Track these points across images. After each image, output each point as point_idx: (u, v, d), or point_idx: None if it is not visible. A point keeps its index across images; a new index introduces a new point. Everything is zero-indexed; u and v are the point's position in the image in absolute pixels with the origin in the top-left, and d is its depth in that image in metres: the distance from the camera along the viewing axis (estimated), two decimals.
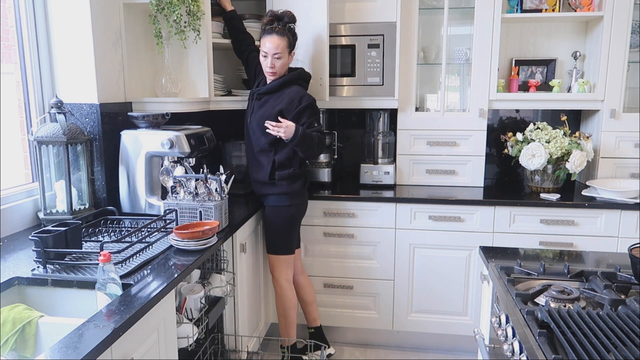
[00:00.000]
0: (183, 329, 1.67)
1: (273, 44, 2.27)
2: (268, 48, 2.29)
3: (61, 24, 2.08)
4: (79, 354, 1.03)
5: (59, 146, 1.96)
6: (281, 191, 2.38)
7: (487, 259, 1.63)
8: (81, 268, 1.56)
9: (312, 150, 2.34)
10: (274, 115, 2.31)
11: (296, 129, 2.25)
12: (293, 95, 2.33)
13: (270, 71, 2.33)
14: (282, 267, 2.46)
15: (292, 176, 2.38)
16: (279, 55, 2.29)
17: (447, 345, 2.79)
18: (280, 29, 2.28)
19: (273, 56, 2.29)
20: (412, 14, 2.76)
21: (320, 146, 2.36)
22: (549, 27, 2.96)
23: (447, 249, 2.65)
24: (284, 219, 2.41)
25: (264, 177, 2.38)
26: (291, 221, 2.44)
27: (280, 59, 2.30)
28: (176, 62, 2.46)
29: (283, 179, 2.37)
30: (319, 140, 2.34)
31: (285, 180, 2.37)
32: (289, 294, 2.48)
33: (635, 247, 1.39)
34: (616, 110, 2.71)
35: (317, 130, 2.35)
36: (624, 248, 2.41)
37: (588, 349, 0.99)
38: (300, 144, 2.28)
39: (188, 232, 1.73)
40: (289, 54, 2.34)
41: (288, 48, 2.32)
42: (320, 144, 2.36)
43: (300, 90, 2.37)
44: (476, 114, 2.81)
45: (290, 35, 2.32)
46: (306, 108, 2.32)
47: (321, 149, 2.40)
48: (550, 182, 2.72)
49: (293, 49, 2.37)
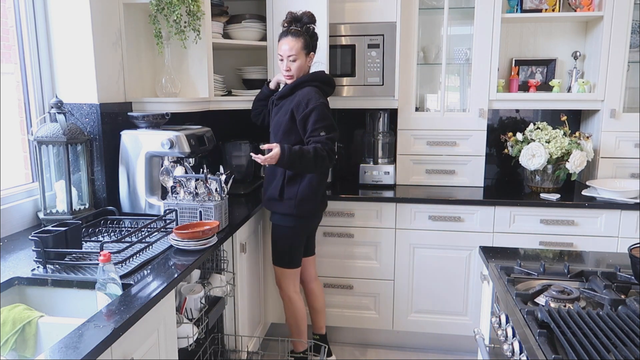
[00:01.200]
0: (183, 329, 1.67)
1: (287, 45, 2.20)
2: (283, 50, 2.22)
3: (61, 24, 2.08)
4: (79, 354, 1.03)
5: (59, 146, 1.96)
6: (286, 212, 2.27)
7: (487, 259, 1.63)
8: (81, 268, 1.56)
9: (309, 167, 2.14)
10: (286, 121, 2.22)
11: (281, 152, 2.05)
12: (301, 97, 2.20)
13: (286, 74, 2.26)
14: (288, 280, 2.39)
15: (302, 197, 2.24)
16: (293, 57, 2.21)
17: (447, 345, 2.79)
18: (295, 30, 2.21)
19: (288, 59, 2.21)
20: (412, 14, 2.76)
21: (320, 160, 2.12)
22: (549, 27, 2.95)
23: (447, 249, 2.65)
24: (289, 237, 2.33)
25: (274, 192, 2.27)
26: (297, 238, 2.34)
27: (296, 61, 2.21)
28: (176, 62, 2.46)
29: (291, 198, 2.24)
30: (317, 155, 2.11)
31: (293, 200, 2.24)
32: (298, 305, 2.43)
33: (635, 247, 1.39)
34: (616, 110, 2.71)
35: (321, 141, 2.13)
36: (624, 248, 2.40)
37: (588, 349, 0.99)
38: (291, 165, 2.11)
39: (188, 232, 1.73)
40: (306, 56, 2.24)
41: (304, 49, 2.22)
42: (319, 158, 2.12)
43: (310, 91, 2.22)
44: (476, 114, 2.81)
45: (307, 36, 2.23)
46: (311, 112, 2.15)
47: (323, 162, 2.14)
48: (550, 182, 2.72)
49: (311, 50, 2.27)
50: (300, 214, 2.27)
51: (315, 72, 2.33)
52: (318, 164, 2.13)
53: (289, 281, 2.39)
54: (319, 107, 2.16)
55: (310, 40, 2.25)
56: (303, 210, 2.27)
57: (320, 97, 2.21)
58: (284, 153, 2.06)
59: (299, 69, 2.24)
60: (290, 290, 2.40)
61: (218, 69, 2.73)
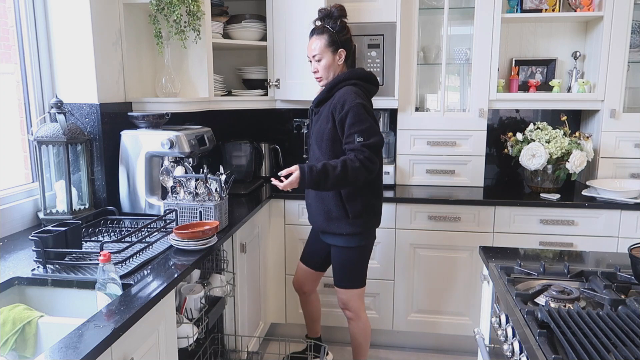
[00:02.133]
0: (183, 329, 1.67)
1: (310, 45, 2.05)
2: (308, 51, 2.06)
3: (61, 24, 2.08)
4: (79, 354, 1.03)
5: (59, 146, 1.96)
6: (355, 231, 2.05)
7: (487, 259, 1.63)
8: (81, 268, 1.56)
9: (340, 183, 1.89)
10: (329, 129, 2.00)
11: (301, 174, 1.84)
12: (337, 98, 1.98)
13: (315, 77, 2.09)
14: (359, 299, 2.22)
15: (368, 210, 2.05)
16: (318, 56, 2.03)
17: (447, 345, 2.79)
18: (318, 27, 2.04)
19: (314, 59, 2.05)
20: (412, 14, 2.76)
21: (353, 173, 1.86)
22: (549, 27, 2.96)
23: (447, 249, 2.65)
24: (361, 257, 2.15)
25: (337, 212, 2.04)
26: (367, 255, 2.18)
27: (321, 60, 2.03)
28: (176, 62, 2.46)
29: (359, 216, 2.03)
30: (346, 168, 1.84)
31: (362, 219, 2.04)
32: (368, 325, 2.30)
33: (635, 247, 1.39)
34: (616, 110, 2.71)
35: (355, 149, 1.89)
36: (624, 248, 2.41)
37: (588, 349, 0.99)
38: (317, 186, 1.87)
39: (188, 232, 1.73)
40: (333, 53, 2.03)
41: (330, 46, 2.01)
42: (351, 171, 1.86)
43: (347, 91, 1.98)
44: (476, 114, 2.81)
45: (332, 32, 2.01)
46: (347, 115, 1.92)
47: (358, 174, 1.88)
48: (550, 182, 2.72)
49: (340, 46, 2.03)
50: (368, 231, 2.12)
51: (354, 69, 2.11)
52: (350, 177, 1.87)
53: (360, 301, 2.23)
54: (354, 107, 1.91)
55: (338, 35, 2.03)
56: (370, 225, 2.12)
57: (357, 96, 1.96)
58: (304, 175, 1.84)
59: (326, 68, 2.04)
60: (361, 310, 2.24)
61: (218, 69, 2.73)
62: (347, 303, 2.23)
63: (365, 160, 1.88)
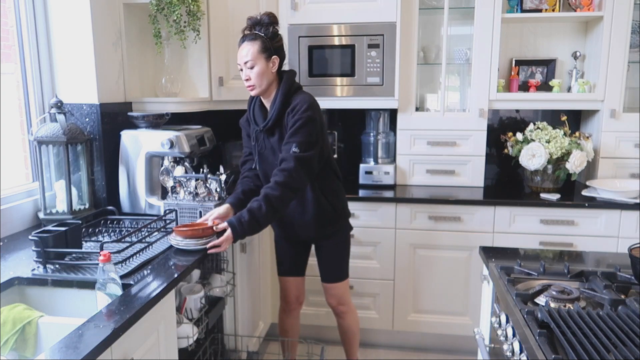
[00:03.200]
0: (183, 329, 1.67)
1: (242, 52, 1.91)
2: (239, 58, 1.92)
3: (61, 24, 2.08)
4: (79, 354, 1.03)
5: (59, 146, 1.96)
6: (342, 221, 2.16)
7: (487, 259, 1.63)
8: (81, 268, 1.56)
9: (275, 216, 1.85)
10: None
11: (233, 230, 1.76)
12: (300, 100, 1.92)
13: (247, 85, 1.94)
14: (348, 290, 2.28)
15: (341, 194, 2.13)
16: (251, 63, 1.88)
17: (447, 345, 2.79)
18: (250, 34, 1.92)
19: (246, 65, 1.90)
20: (412, 14, 2.76)
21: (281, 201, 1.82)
22: (549, 27, 2.95)
23: (447, 249, 2.65)
24: (348, 244, 2.24)
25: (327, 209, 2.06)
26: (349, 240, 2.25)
27: (254, 67, 1.89)
28: (176, 62, 2.46)
29: (341, 205, 2.12)
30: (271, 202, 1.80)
31: (342, 205, 2.12)
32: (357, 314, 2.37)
33: (635, 247, 1.39)
34: (616, 110, 2.71)
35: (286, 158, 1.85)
36: (624, 248, 2.41)
37: (588, 349, 0.99)
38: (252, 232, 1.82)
39: (188, 229, 1.73)
40: (266, 60, 1.90)
41: (263, 53, 1.89)
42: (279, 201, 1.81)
43: (310, 98, 1.94)
44: (476, 114, 2.81)
45: (264, 39, 1.90)
46: (295, 122, 1.89)
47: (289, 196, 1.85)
48: (550, 182, 2.72)
49: (273, 53, 1.92)
50: (347, 217, 2.20)
51: (291, 74, 2.01)
52: (278, 207, 1.83)
53: (349, 291, 2.28)
54: (305, 119, 1.88)
55: (271, 42, 1.92)
56: (347, 206, 2.20)
57: (317, 111, 1.93)
58: (235, 230, 1.76)
59: (259, 76, 1.90)
60: (351, 300, 2.32)
61: None
62: (342, 297, 2.25)
63: (288, 182, 1.84)
